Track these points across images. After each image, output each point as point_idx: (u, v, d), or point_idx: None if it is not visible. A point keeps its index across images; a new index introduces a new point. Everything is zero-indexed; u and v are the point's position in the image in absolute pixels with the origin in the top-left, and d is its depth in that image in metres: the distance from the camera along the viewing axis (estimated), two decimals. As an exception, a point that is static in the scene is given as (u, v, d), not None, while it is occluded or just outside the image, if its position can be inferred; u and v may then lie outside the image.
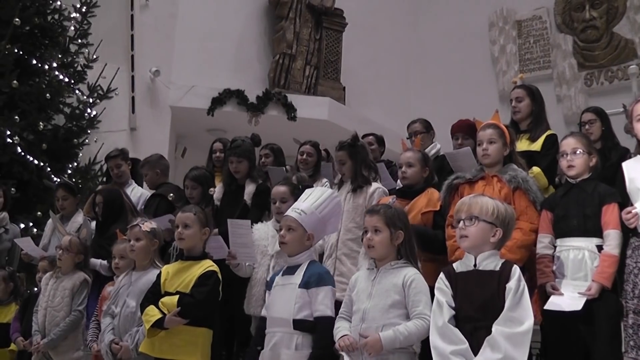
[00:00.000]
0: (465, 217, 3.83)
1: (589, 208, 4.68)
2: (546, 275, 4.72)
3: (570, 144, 4.91)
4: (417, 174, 5.56)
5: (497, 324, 3.55)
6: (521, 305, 3.60)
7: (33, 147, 9.44)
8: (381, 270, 4.16)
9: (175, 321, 4.86)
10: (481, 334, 3.59)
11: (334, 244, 5.67)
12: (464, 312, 3.71)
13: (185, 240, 5.16)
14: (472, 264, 3.81)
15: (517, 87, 6.65)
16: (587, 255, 4.63)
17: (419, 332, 3.91)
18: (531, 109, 6.38)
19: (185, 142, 13.58)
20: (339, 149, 5.96)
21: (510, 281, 3.64)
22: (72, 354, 6.22)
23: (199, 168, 7.17)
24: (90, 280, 6.39)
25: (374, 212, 4.23)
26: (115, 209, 6.94)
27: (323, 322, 4.24)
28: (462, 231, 3.84)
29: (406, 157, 5.63)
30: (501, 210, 3.83)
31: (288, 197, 5.60)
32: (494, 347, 3.50)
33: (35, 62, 9.90)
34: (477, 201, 3.87)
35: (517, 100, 6.43)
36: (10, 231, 8.15)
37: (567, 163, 4.87)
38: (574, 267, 4.64)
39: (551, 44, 14.66)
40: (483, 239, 3.80)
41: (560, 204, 4.84)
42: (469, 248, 3.84)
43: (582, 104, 13.12)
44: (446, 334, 3.66)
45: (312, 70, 13.79)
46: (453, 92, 14.44)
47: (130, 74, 12.01)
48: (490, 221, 3.80)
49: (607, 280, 4.48)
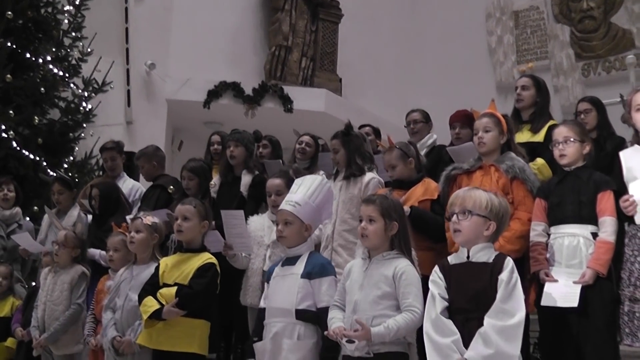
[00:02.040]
0: (459, 211, 3.83)
1: (584, 195, 4.67)
2: (540, 262, 4.70)
3: (562, 132, 4.89)
4: (403, 170, 5.56)
5: (488, 316, 3.55)
6: (513, 297, 3.59)
7: (29, 142, 9.41)
8: (373, 261, 4.16)
9: (174, 312, 4.87)
10: (473, 325, 3.59)
11: (330, 235, 5.66)
12: (457, 303, 3.72)
13: (184, 233, 5.18)
14: (466, 256, 3.81)
15: (524, 76, 6.64)
16: (582, 242, 4.61)
17: (409, 326, 3.93)
18: (535, 100, 6.39)
19: (181, 135, 13.55)
20: (333, 138, 5.94)
21: (502, 273, 3.64)
22: (73, 347, 6.24)
23: (197, 160, 7.15)
24: (88, 273, 6.38)
25: (370, 202, 4.23)
26: (112, 202, 6.97)
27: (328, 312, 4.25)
28: (456, 225, 3.83)
29: (387, 160, 5.65)
30: (495, 204, 3.82)
31: (283, 189, 5.56)
32: (486, 342, 3.50)
33: (29, 56, 9.85)
34: (470, 195, 3.86)
35: (523, 88, 6.43)
36: (23, 226, 8.12)
37: (558, 152, 4.85)
38: (568, 253, 4.62)
39: (548, 35, 14.62)
40: (476, 233, 3.79)
41: (555, 192, 4.82)
42: (463, 242, 3.85)
43: (579, 95, 13.03)
44: (438, 325, 3.66)
45: (308, 62, 13.75)
46: (450, 83, 14.38)
47: (126, 67, 11.99)
48: (483, 215, 3.79)
49: (602, 267, 4.46)
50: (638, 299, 4.37)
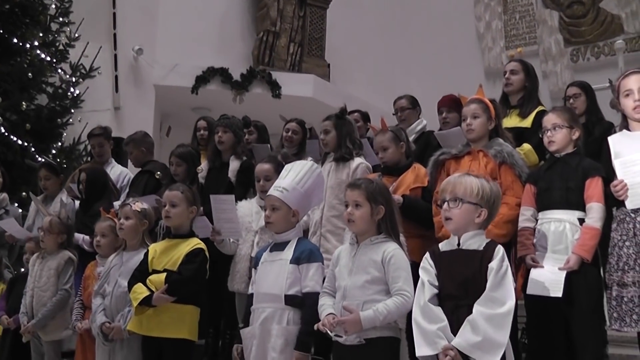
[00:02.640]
0: (450, 199, 3.81)
1: (572, 181, 4.67)
2: (527, 247, 4.71)
3: (550, 119, 4.90)
4: (394, 153, 5.56)
5: (478, 304, 3.54)
6: (503, 285, 3.58)
7: (16, 128, 9.38)
8: (361, 246, 4.14)
9: (163, 299, 4.87)
10: (462, 312, 3.58)
11: (318, 221, 5.66)
12: (446, 290, 3.71)
13: (172, 219, 5.18)
14: (456, 243, 3.80)
15: (513, 60, 6.64)
16: (567, 227, 4.61)
17: (399, 310, 3.90)
18: (524, 84, 6.42)
19: (169, 120, 13.51)
20: (326, 119, 5.94)
21: (492, 261, 3.63)
22: (61, 332, 6.22)
23: (185, 145, 7.15)
24: (75, 258, 6.36)
25: (355, 187, 4.19)
26: (98, 187, 6.99)
27: (312, 297, 4.23)
28: (447, 213, 3.81)
29: (379, 142, 5.63)
30: (486, 190, 3.79)
31: (272, 174, 5.56)
32: (474, 329, 3.49)
33: (16, 41, 9.79)
34: (461, 182, 3.83)
35: (512, 72, 6.45)
36: (10, 212, 8.08)
37: (547, 139, 4.87)
38: (554, 239, 4.63)
39: (537, 20, 14.65)
40: (467, 220, 3.78)
41: (543, 177, 4.83)
42: (454, 230, 3.83)
43: (568, 80, 13.04)
44: (426, 312, 3.66)
45: (296, 47, 13.75)
46: (438, 69, 14.40)
47: (113, 52, 11.94)
48: (474, 202, 3.76)
49: (587, 252, 4.47)
50: (626, 283, 4.38)
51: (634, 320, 4.33)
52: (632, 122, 4.65)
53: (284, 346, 4.24)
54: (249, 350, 4.40)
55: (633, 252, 4.38)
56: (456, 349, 3.48)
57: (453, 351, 3.48)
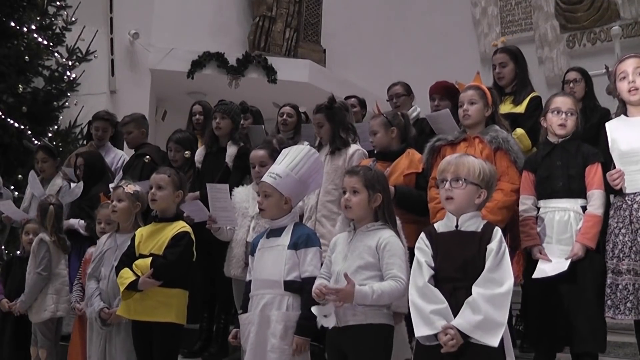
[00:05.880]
0: (452, 178, 3.76)
1: (574, 168, 4.68)
2: (532, 237, 4.72)
3: (567, 103, 4.87)
4: (382, 138, 5.56)
5: (477, 285, 3.52)
6: (502, 266, 3.57)
7: (13, 110, 9.41)
8: (358, 233, 4.15)
9: (149, 283, 4.88)
10: (461, 294, 3.56)
11: (314, 206, 5.65)
12: (444, 272, 3.68)
13: (158, 202, 5.17)
14: (454, 224, 3.77)
15: (499, 52, 6.63)
16: (572, 216, 4.63)
17: (392, 293, 3.90)
18: (515, 73, 6.40)
19: (165, 105, 13.52)
20: (316, 112, 5.92)
21: (491, 242, 3.61)
22: (41, 314, 6.18)
23: (183, 131, 7.16)
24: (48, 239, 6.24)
25: (354, 173, 4.20)
26: (96, 171, 6.99)
27: (311, 282, 4.21)
28: (448, 192, 3.76)
29: (370, 127, 5.66)
30: (486, 172, 3.78)
31: (267, 160, 5.54)
32: (474, 309, 3.47)
33: (13, 24, 9.83)
34: (463, 162, 3.80)
35: (501, 65, 6.43)
36: (4, 195, 8.05)
37: (560, 121, 4.82)
38: (559, 228, 4.65)
39: (533, 6, 14.60)
40: (469, 201, 3.75)
41: (543, 165, 4.83)
42: (454, 210, 3.78)
43: (564, 66, 13.03)
44: (426, 293, 3.62)
45: (292, 32, 13.70)
46: (434, 55, 14.37)
47: (109, 36, 11.97)
48: (476, 183, 3.74)
49: (591, 240, 4.50)
50: (621, 271, 4.41)
51: (628, 308, 4.36)
52: (630, 108, 4.68)
53: (283, 332, 4.25)
54: (245, 337, 4.42)
55: (629, 239, 4.42)
56: (456, 329, 3.47)
57: (453, 330, 3.47)
